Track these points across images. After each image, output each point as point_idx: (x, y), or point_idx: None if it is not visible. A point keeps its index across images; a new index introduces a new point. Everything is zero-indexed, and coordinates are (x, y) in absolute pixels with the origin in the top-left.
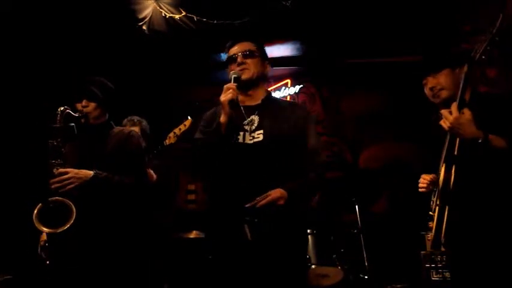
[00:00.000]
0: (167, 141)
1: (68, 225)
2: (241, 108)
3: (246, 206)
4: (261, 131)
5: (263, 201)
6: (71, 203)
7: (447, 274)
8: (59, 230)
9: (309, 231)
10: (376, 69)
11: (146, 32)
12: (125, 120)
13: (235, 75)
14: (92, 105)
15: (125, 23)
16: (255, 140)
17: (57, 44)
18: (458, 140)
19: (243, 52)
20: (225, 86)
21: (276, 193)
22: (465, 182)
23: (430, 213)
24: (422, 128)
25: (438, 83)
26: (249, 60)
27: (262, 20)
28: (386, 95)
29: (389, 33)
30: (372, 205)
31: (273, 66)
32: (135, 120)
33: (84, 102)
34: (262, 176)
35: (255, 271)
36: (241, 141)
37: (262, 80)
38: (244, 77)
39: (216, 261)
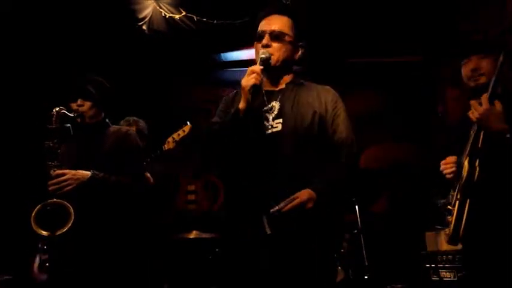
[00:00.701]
0: (166, 146)
1: (67, 228)
2: (263, 92)
3: (271, 211)
4: (280, 120)
5: (289, 206)
6: (69, 205)
7: (447, 274)
8: (57, 233)
9: None
10: (375, 69)
11: (146, 32)
12: (122, 121)
13: (263, 56)
14: (87, 104)
15: (124, 22)
16: (274, 130)
17: (56, 44)
18: (483, 133)
19: (270, 32)
20: (249, 69)
21: (303, 195)
22: (489, 176)
23: (449, 207)
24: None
25: (481, 67)
26: (275, 44)
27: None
28: (386, 95)
29: (389, 33)
30: (372, 205)
31: None
32: (131, 120)
33: (79, 102)
34: (280, 171)
35: (275, 268)
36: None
37: (289, 66)
38: None
39: (232, 258)
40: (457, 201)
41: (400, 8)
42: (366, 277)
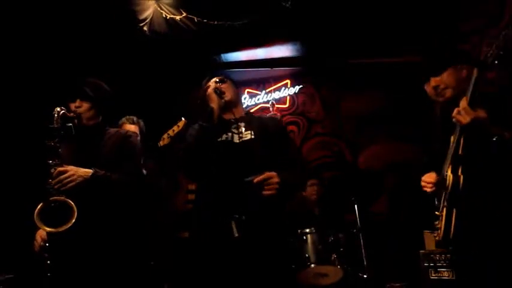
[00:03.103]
0: (161, 143)
1: (70, 225)
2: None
3: (245, 180)
4: (249, 132)
5: (260, 178)
6: (72, 203)
7: (445, 273)
8: (61, 229)
9: (308, 230)
10: (375, 69)
11: (147, 33)
12: (123, 118)
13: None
14: (85, 105)
15: (125, 24)
16: (244, 139)
17: (57, 45)
18: (462, 140)
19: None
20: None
21: (272, 172)
22: (472, 184)
23: (437, 213)
24: (424, 128)
25: (442, 81)
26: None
27: (262, 20)
28: (386, 95)
29: (389, 33)
30: (372, 205)
31: (272, 66)
32: (135, 119)
33: (77, 102)
34: (252, 172)
35: (242, 267)
36: (230, 140)
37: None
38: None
39: (203, 259)
40: (444, 209)
41: (400, 8)
42: (365, 276)
